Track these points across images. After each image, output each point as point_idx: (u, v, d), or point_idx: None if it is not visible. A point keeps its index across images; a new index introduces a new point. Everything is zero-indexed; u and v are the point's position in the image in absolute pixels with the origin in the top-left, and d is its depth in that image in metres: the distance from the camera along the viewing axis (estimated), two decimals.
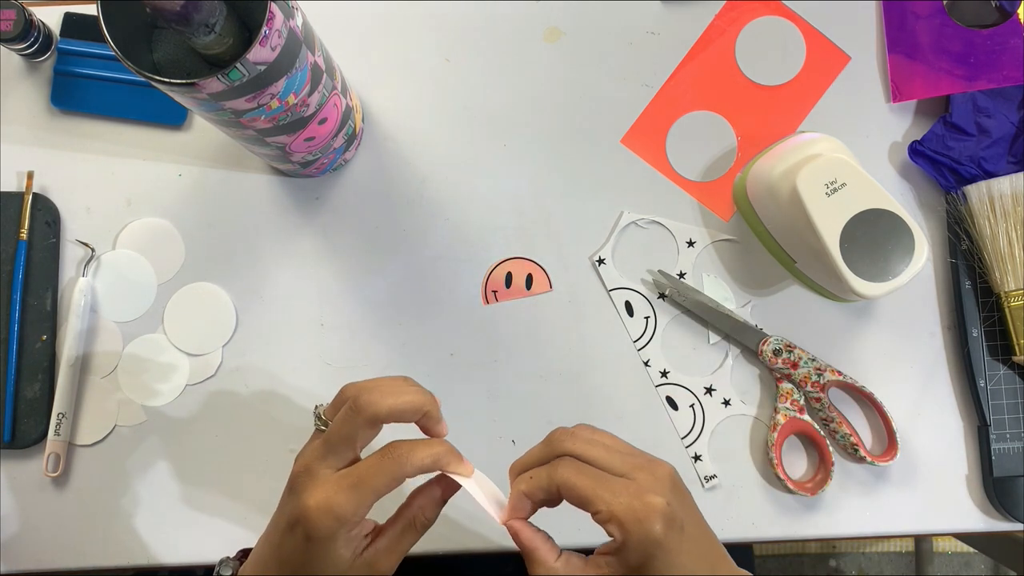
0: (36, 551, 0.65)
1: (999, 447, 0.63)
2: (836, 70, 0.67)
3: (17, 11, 0.63)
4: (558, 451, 0.44)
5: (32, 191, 0.66)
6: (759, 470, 0.65)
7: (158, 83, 0.43)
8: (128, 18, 0.45)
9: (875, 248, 0.56)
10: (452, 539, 0.65)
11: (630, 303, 0.66)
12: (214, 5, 0.43)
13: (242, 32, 0.47)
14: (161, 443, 0.66)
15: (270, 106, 0.49)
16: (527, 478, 0.44)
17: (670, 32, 0.68)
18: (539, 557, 0.44)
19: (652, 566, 0.40)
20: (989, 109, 0.64)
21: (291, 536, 0.42)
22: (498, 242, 0.67)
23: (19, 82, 0.68)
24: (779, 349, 0.64)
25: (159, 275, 0.67)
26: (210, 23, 0.43)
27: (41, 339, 0.66)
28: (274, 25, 0.44)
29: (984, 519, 0.64)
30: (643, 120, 0.68)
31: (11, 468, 0.66)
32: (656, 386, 0.66)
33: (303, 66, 0.49)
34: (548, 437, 0.45)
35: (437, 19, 0.69)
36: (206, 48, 0.46)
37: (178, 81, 0.43)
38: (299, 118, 0.53)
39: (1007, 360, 0.64)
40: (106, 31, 0.44)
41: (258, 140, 0.55)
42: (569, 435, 0.44)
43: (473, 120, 0.68)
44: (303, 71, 0.49)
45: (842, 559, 1.43)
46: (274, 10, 0.43)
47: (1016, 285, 0.62)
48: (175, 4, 0.41)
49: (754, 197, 0.64)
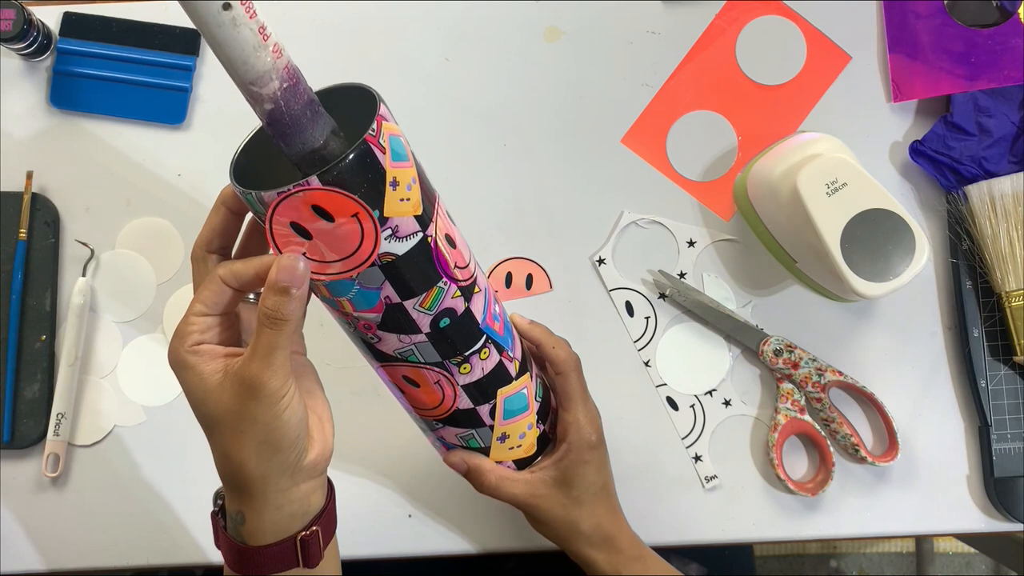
0: (36, 551, 0.65)
1: (1000, 447, 0.63)
2: (837, 70, 0.67)
3: (16, 11, 0.63)
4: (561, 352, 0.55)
5: (31, 191, 0.66)
6: (760, 470, 0.65)
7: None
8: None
9: (876, 248, 0.56)
10: (453, 540, 0.65)
11: (630, 303, 0.66)
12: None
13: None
14: (161, 443, 0.66)
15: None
16: (531, 320, 0.56)
17: (670, 32, 0.68)
18: (485, 467, 0.53)
19: (584, 465, 0.54)
20: (990, 109, 0.64)
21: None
22: (498, 242, 0.67)
23: (18, 82, 0.68)
24: (780, 349, 0.64)
25: (159, 275, 0.67)
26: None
27: (40, 339, 0.66)
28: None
29: (985, 519, 0.64)
30: (643, 120, 0.68)
31: (10, 468, 0.66)
32: (657, 386, 0.66)
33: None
34: (562, 348, 0.55)
35: (437, 19, 0.69)
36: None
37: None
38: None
39: (1008, 360, 0.64)
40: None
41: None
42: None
43: (473, 120, 0.68)
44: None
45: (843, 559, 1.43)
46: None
47: (1017, 285, 0.62)
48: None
49: (755, 197, 0.64)
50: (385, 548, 0.65)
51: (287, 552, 0.44)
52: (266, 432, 0.41)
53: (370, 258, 0.40)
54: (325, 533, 0.46)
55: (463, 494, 0.64)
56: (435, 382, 0.48)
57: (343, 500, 0.50)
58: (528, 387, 0.52)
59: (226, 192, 0.43)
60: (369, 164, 0.38)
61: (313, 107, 0.39)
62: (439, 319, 0.45)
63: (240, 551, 0.44)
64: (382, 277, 0.42)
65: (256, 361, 0.40)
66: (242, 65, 0.36)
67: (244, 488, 0.43)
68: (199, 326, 0.42)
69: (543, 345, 0.54)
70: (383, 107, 0.40)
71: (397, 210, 0.40)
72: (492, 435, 0.52)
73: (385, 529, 0.65)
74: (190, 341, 0.42)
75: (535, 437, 0.54)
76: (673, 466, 0.65)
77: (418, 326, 0.44)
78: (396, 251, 0.41)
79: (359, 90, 0.42)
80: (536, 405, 0.53)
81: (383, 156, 0.39)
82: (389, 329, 0.44)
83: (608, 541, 0.55)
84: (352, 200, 0.38)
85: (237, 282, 0.42)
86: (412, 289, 0.43)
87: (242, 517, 0.44)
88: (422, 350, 0.46)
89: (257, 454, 0.42)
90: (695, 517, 0.65)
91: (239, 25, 0.35)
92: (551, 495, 0.54)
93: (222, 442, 0.42)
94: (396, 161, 0.40)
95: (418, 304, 0.43)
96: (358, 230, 0.39)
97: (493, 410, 0.50)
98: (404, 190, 0.40)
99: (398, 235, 0.41)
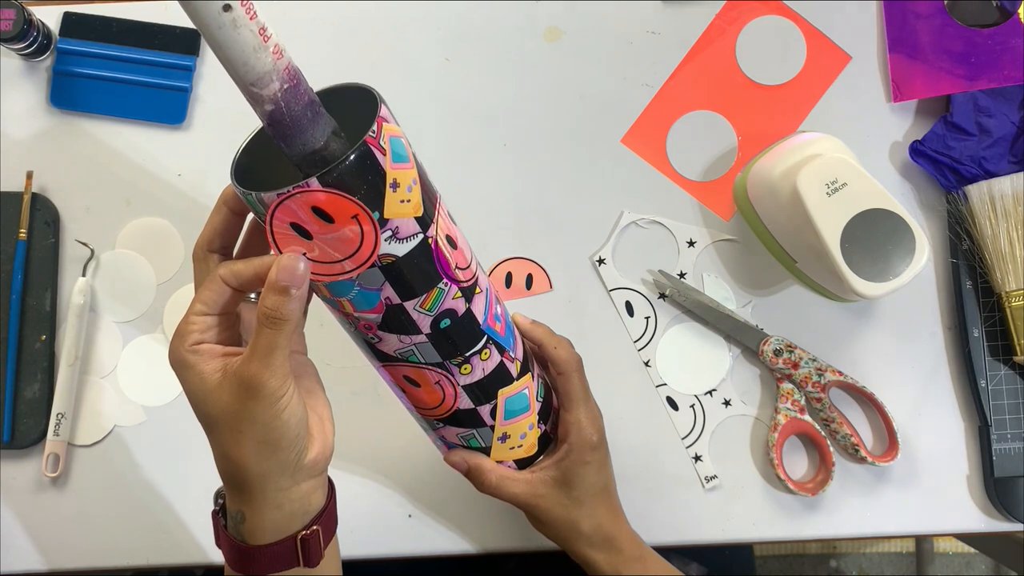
0: (36, 551, 0.65)
1: (1000, 447, 0.63)
2: (837, 70, 0.67)
3: (17, 11, 0.63)
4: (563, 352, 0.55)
5: (31, 191, 0.66)
6: (760, 470, 0.65)
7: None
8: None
9: (876, 248, 0.56)
10: (453, 540, 0.65)
11: (630, 303, 0.66)
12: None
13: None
14: (161, 443, 0.66)
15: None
16: (533, 320, 0.57)
17: (670, 32, 0.68)
18: (485, 466, 0.53)
19: (584, 466, 0.54)
20: (990, 109, 0.64)
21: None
22: (498, 242, 0.67)
23: (18, 82, 0.68)
24: (780, 349, 0.64)
25: (159, 275, 0.67)
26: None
27: (40, 339, 0.66)
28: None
29: (985, 519, 0.64)
30: (643, 120, 0.68)
31: (10, 468, 0.66)
32: (657, 386, 0.66)
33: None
34: (564, 348, 0.55)
35: (437, 19, 0.69)
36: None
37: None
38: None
39: (1008, 360, 0.64)
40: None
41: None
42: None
43: (473, 120, 0.68)
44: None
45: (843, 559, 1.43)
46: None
47: (1017, 285, 0.62)
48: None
49: (755, 197, 0.64)
50: (385, 548, 0.65)
51: (287, 551, 0.44)
52: (265, 431, 0.41)
53: (370, 259, 0.40)
54: (326, 532, 0.46)
55: (463, 494, 0.64)
56: (435, 382, 0.48)
57: (343, 500, 0.50)
58: (530, 387, 0.52)
59: (227, 192, 0.43)
60: (369, 166, 0.38)
61: (314, 108, 0.39)
62: (440, 320, 0.45)
63: (241, 550, 0.44)
64: (382, 278, 0.42)
65: (255, 361, 0.40)
66: (242, 66, 0.36)
67: (244, 487, 0.43)
68: (199, 325, 0.42)
69: (545, 345, 0.54)
70: (384, 108, 0.40)
71: (397, 211, 0.40)
72: (493, 435, 0.52)
73: (385, 529, 0.65)
74: (190, 340, 0.42)
75: (536, 437, 0.54)
76: (673, 466, 0.65)
77: (419, 327, 0.44)
78: (396, 252, 0.41)
79: (361, 90, 0.42)
80: (538, 405, 0.53)
81: (383, 158, 0.39)
82: (389, 330, 0.44)
83: (608, 542, 0.55)
84: (352, 202, 0.38)
85: (237, 282, 0.42)
86: (413, 290, 0.43)
87: (242, 516, 0.44)
88: (423, 350, 0.46)
89: (257, 453, 0.42)
90: (695, 517, 0.65)
91: (239, 27, 0.35)
92: (551, 495, 0.54)
93: (222, 441, 0.43)
94: (397, 162, 0.40)
95: (419, 305, 0.43)
96: (358, 232, 0.39)
97: (494, 410, 0.50)
98: (405, 191, 0.40)
99: (398, 236, 0.41)
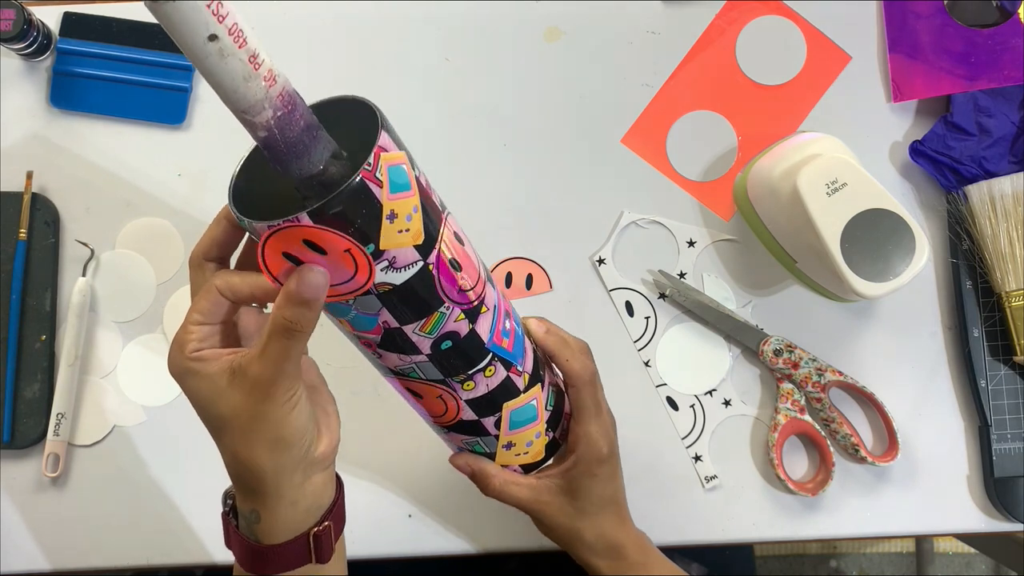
0: (36, 551, 0.65)
1: (1000, 447, 0.63)
2: (837, 70, 0.67)
3: (16, 11, 0.63)
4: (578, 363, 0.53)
5: (31, 191, 0.66)
6: (760, 470, 0.65)
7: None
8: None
9: (876, 248, 0.56)
10: (453, 540, 0.65)
11: (630, 303, 0.66)
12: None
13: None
14: (161, 443, 0.66)
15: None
16: (548, 327, 0.54)
17: (670, 32, 0.68)
18: (489, 471, 0.53)
19: (591, 479, 0.53)
20: (990, 109, 0.64)
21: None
22: (498, 242, 0.67)
23: (18, 82, 0.68)
24: (780, 349, 0.64)
25: (159, 275, 0.67)
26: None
27: (40, 339, 0.66)
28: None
29: (985, 519, 0.64)
30: (643, 120, 0.68)
31: (10, 468, 0.66)
32: (657, 386, 0.66)
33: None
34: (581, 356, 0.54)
35: (437, 19, 0.69)
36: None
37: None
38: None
39: (1008, 360, 0.64)
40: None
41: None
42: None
43: (473, 120, 0.68)
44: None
45: (843, 559, 1.43)
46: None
47: (1017, 285, 0.62)
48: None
49: (755, 197, 0.64)
50: (385, 548, 0.65)
51: (301, 548, 0.44)
52: (277, 429, 0.41)
53: (364, 287, 0.39)
54: (336, 528, 0.46)
55: (463, 494, 0.64)
56: (438, 396, 0.47)
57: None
58: (538, 398, 0.51)
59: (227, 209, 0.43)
60: (364, 200, 0.37)
61: (311, 132, 0.37)
62: (440, 342, 0.44)
63: (255, 550, 0.44)
64: (379, 304, 0.41)
65: (269, 367, 0.40)
66: (232, 94, 0.34)
67: (257, 486, 0.43)
68: (197, 334, 0.42)
69: (556, 357, 0.53)
70: (384, 135, 0.38)
71: (395, 242, 0.39)
72: (497, 443, 0.51)
73: (385, 529, 0.65)
74: (190, 349, 0.42)
75: (544, 444, 0.53)
76: (673, 466, 0.65)
77: (418, 348, 0.44)
78: (393, 281, 0.40)
79: (365, 105, 0.41)
80: (547, 414, 0.52)
81: (380, 190, 0.37)
82: (389, 349, 0.44)
83: (612, 550, 0.55)
84: (343, 237, 0.37)
85: (233, 296, 0.42)
86: (411, 316, 0.42)
87: (257, 516, 0.44)
88: (423, 368, 0.45)
89: (269, 452, 0.42)
90: (695, 517, 0.65)
91: (227, 56, 0.33)
92: (555, 502, 0.54)
93: (232, 443, 0.42)
94: (395, 192, 0.38)
95: (418, 329, 0.43)
96: (351, 263, 0.38)
97: (498, 422, 0.50)
98: (403, 221, 0.39)
99: (396, 266, 0.39)
